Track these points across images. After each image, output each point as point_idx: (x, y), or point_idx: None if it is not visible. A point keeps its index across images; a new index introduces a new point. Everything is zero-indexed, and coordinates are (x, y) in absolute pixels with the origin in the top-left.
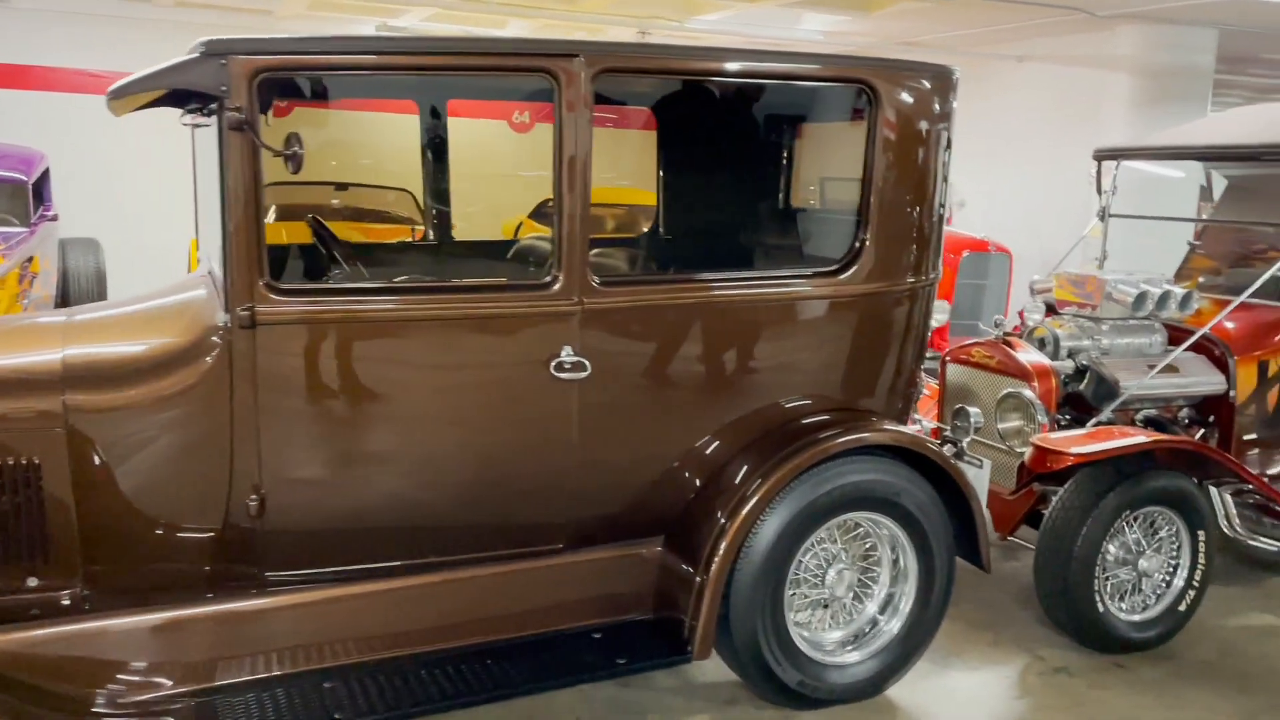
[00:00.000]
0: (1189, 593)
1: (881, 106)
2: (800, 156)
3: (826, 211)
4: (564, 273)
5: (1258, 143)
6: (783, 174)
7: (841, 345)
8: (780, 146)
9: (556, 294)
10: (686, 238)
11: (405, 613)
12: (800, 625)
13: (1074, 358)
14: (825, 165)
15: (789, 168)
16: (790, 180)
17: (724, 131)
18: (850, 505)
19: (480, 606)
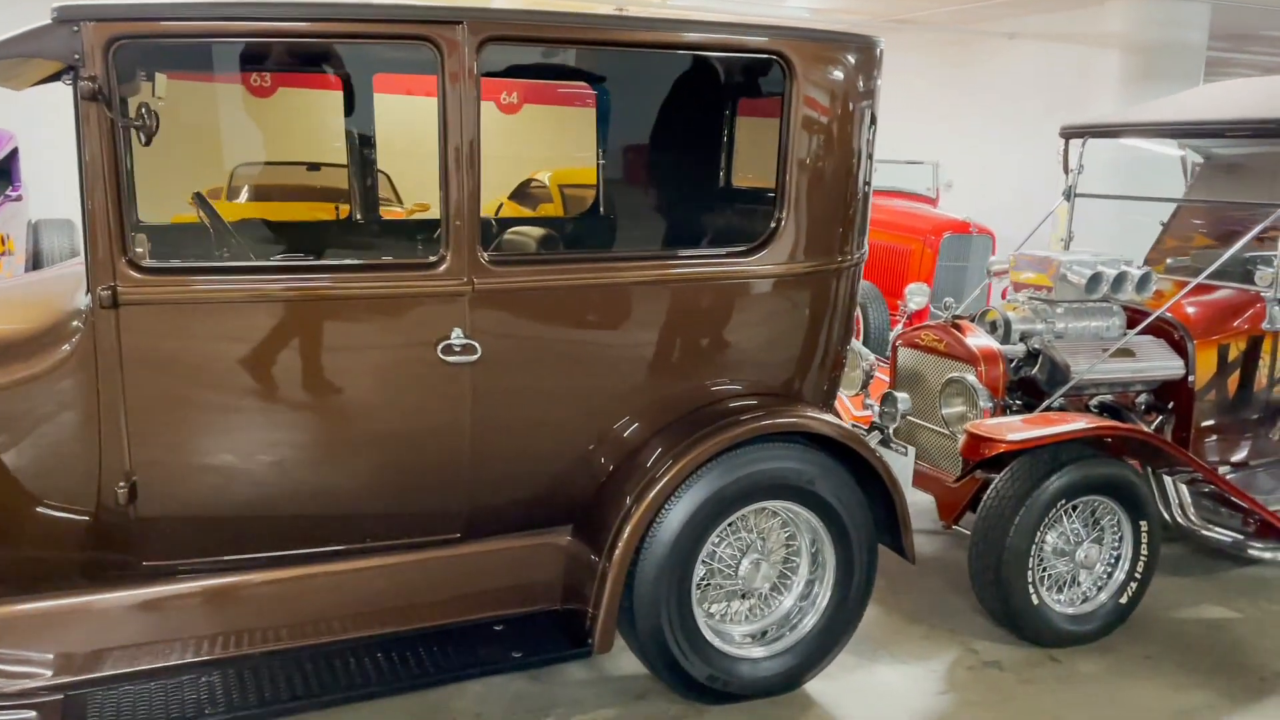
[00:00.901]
0: (1131, 585)
1: (796, 80)
2: (737, 134)
3: (757, 190)
4: (452, 252)
5: (1224, 118)
6: (718, 152)
7: (759, 327)
8: (712, 123)
9: (444, 274)
10: (622, 217)
11: (291, 604)
12: (712, 617)
13: (1026, 341)
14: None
15: (724, 145)
16: (724, 159)
17: (656, 108)
18: (761, 494)
19: (373, 598)
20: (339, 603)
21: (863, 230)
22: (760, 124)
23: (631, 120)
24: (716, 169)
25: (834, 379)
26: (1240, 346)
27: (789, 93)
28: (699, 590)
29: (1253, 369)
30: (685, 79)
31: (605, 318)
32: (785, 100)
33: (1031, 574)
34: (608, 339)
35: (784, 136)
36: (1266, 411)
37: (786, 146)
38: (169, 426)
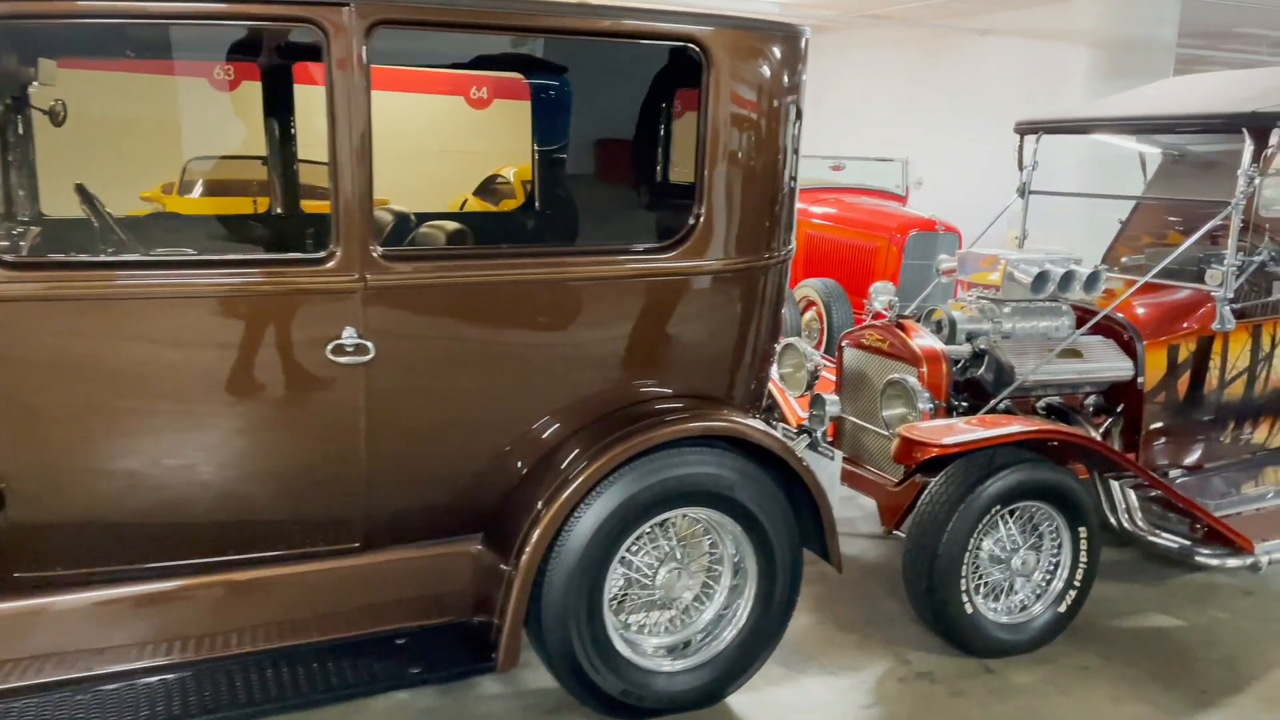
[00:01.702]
0: (1069, 593)
1: (714, 69)
2: (657, 127)
3: (677, 186)
4: (342, 246)
5: (1173, 114)
6: (641, 145)
7: (678, 327)
8: (633, 116)
9: (334, 269)
10: (554, 212)
11: (177, 618)
12: (629, 628)
13: (972, 341)
14: (681, 137)
15: (645, 139)
16: (646, 152)
17: (580, 99)
18: (678, 500)
19: (267, 611)
20: (229, 616)
21: (789, 227)
22: (681, 117)
23: (559, 113)
24: (639, 163)
25: (761, 380)
26: (1190, 347)
27: (706, 83)
28: (616, 600)
29: (1203, 370)
30: (605, 69)
31: (509, 316)
32: (702, 91)
33: (965, 582)
34: (513, 338)
35: (701, 130)
36: (1218, 414)
37: (704, 140)
38: (41, 430)
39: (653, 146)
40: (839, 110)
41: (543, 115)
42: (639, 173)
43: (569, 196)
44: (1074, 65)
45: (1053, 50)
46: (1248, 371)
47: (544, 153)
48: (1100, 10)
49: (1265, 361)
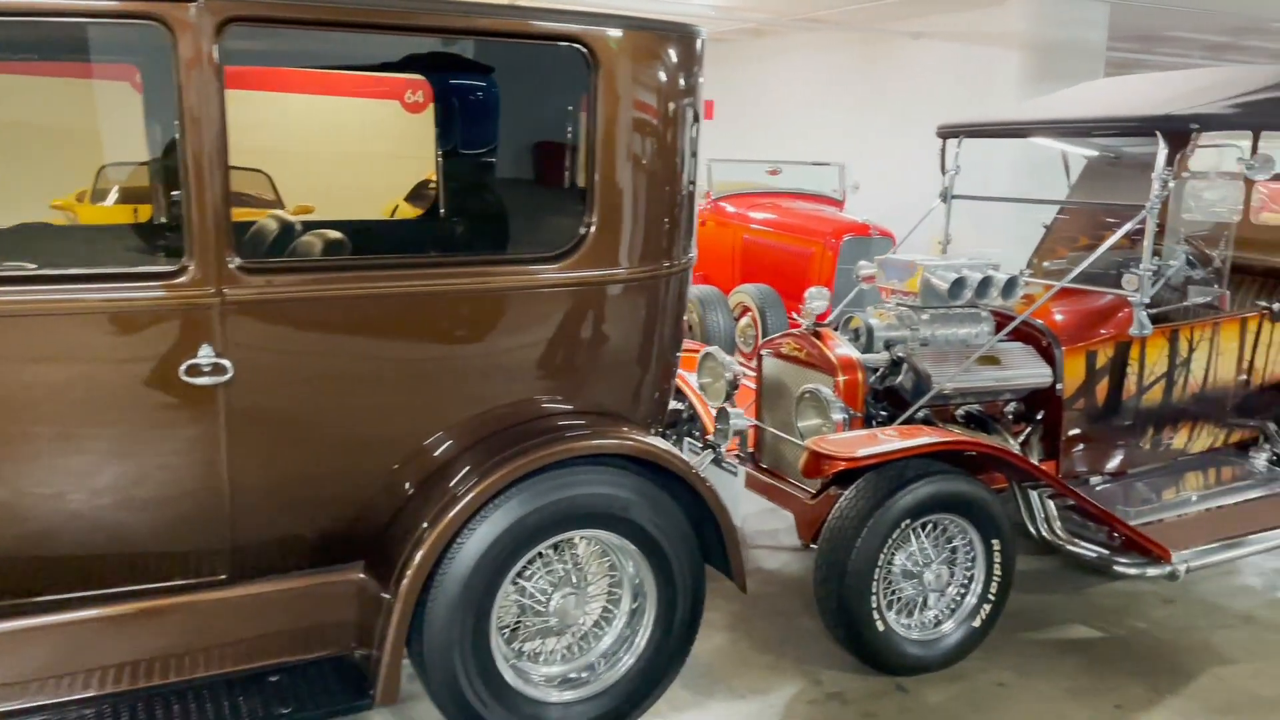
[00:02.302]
0: (984, 608)
1: (602, 71)
2: (547, 131)
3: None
4: (196, 259)
5: (1087, 117)
6: (544, 151)
7: (571, 341)
8: (524, 119)
9: (187, 284)
10: (445, 220)
11: (25, 659)
12: (522, 656)
13: (891, 349)
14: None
15: (535, 143)
16: (538, 158)
17: (484, 103)
18: (570, 522)
19: (123, 649)
20: (81, 656)
21: (689, 234)
22: (573, 120)
23: (457, 116)
24: (532, 170)
25: (664, 393)
26: (1108, 353)
27: (593, 85)
28: (508, 629)
29: (1121, 376)
30: (504, 71)
31: (384, 331)
32: (589, 94)
33: (876, 598)
34: (389, 355)
35: (590, 134)
36: (1137, 420)
37: (593, 145)
38: None
39: (547, 153)
40: (778, 114)
41: (443, 119)
42: (533, 180)
43: (463, 205)
44: (1006, 69)
45: (985, 54)
46: (1166, 377)
47: (445, 158)
48: (1030, 14)
49: (1183, 367)
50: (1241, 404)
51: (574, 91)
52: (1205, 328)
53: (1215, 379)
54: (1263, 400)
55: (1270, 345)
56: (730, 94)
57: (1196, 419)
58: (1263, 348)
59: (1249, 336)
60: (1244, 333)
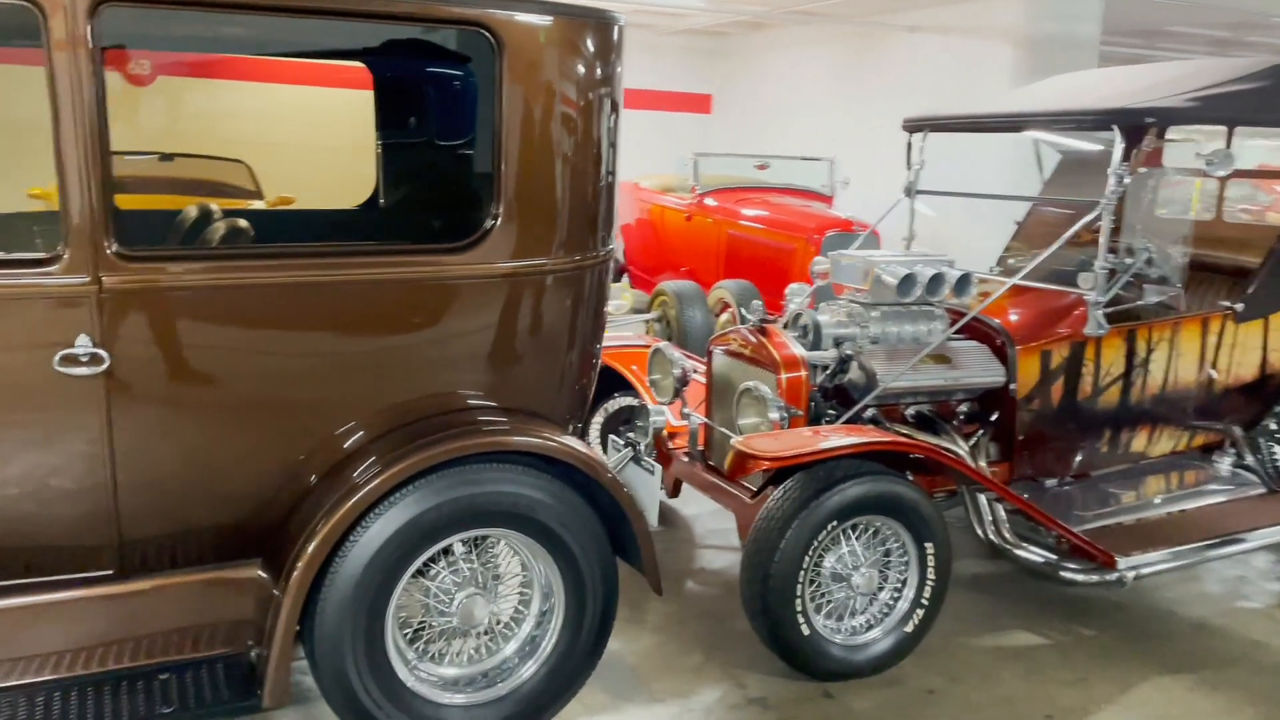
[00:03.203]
0: (916, 612)
1: (506, 57)
2: (456, 118)
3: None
4: (72, 246)
5: (1048, 110)
6: (464, 140)
7: (478, 334)
8: (430, 105)
9: (63, 271)
10: (362, 209)
11: None
12: (423, 658)
13: (840, 346)
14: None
15: (438, 130)
16: (444, 145)
17: (410, 89)
18: (472, 520)
19: (6, 644)
20: None
21: (608, 225)
22: (480, 108)
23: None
24: (440, 158)
25: (582, 389)
26: (1063, 353)
27: (499, 71)
28: (411, 629)
29: (1077, 377)
30: (407, 55)
31: (278, 322)
32: (496, 79)
33: (801, 601)
34: (284, 347)
35: (496, 122)
36: (1094, 422)
37: (499, 133)
38: None
39: (456, 142)
40: (775, 109)
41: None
42: (442, 170)
43: (373, 195)
44: (998, 62)
45: (978, 47)
46: (1123, 378)
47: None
48: (1022, 7)
49: (1141, 368)
50: (1205, 407)
51: (481, 78)
52: (1164, 328)
53: (1176, 380)
54: (1228, 403)
55: (1234, 346)
56: (728, 88)
57: (1157, 422)
58: (1226, 349)
59: (1211, 337)
60: (1205, 333)
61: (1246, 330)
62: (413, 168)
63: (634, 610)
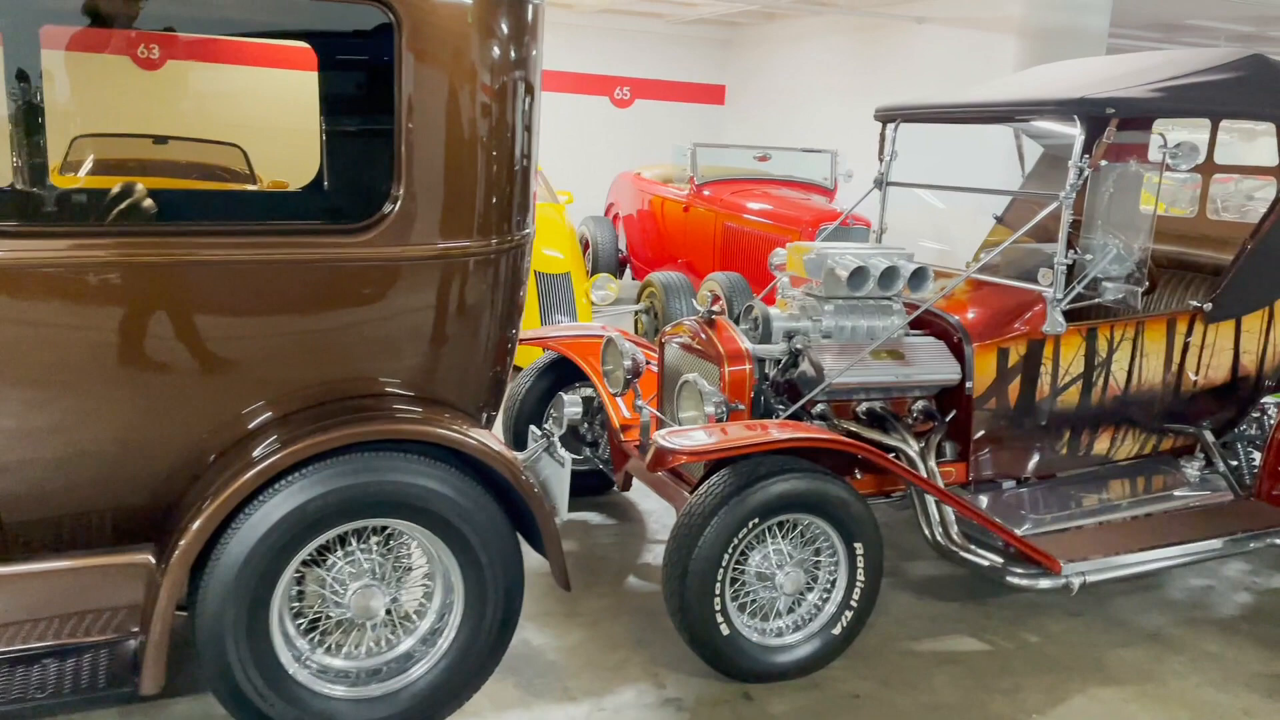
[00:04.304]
0: (845, 614)
1: (405, 34)
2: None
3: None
4: None
5: (1011, 100)
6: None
7: (379, 320)
8: (360, 85)
9: None
10: (264, 189)
11: None
12: (316, 650)
13: (791, 340)
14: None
15: (339, 110)
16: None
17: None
18: (362, 511)
19: None
20: None
21: (523, 209)
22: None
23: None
24: (342, 138)
25: (496, 377)
26: (1020, 351)
27: (398, 50)
28: (307, 619)
29: (1034, 376)
30: (310, 33)
31: (156, 303)
32: (395, 58)
33: (721, 600)
34: (164, 329)
35: (396, 103)
36: (1052, 423)
37: (400, 113)
38: None
39: (358, 121)
40: (788, 99)
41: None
42: (342, 150)
43: (277, 174)
44: (1005, 54)
45: (985, 39)
46: (1083, 378)
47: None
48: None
49: (1102, 368)
50: (1174, 409)
51: (382, 57)
52: (1127, 327)
53: (1141, 381)
54: (1199, 406)
55: (1203, 347)
56: (741, 79)
57: (1121, 424)
58: (1194, 349)
59: (1178, 337)
60: (1172, 333)
61: (1218, 331)
62: (321, 149)
63: (568, 604)
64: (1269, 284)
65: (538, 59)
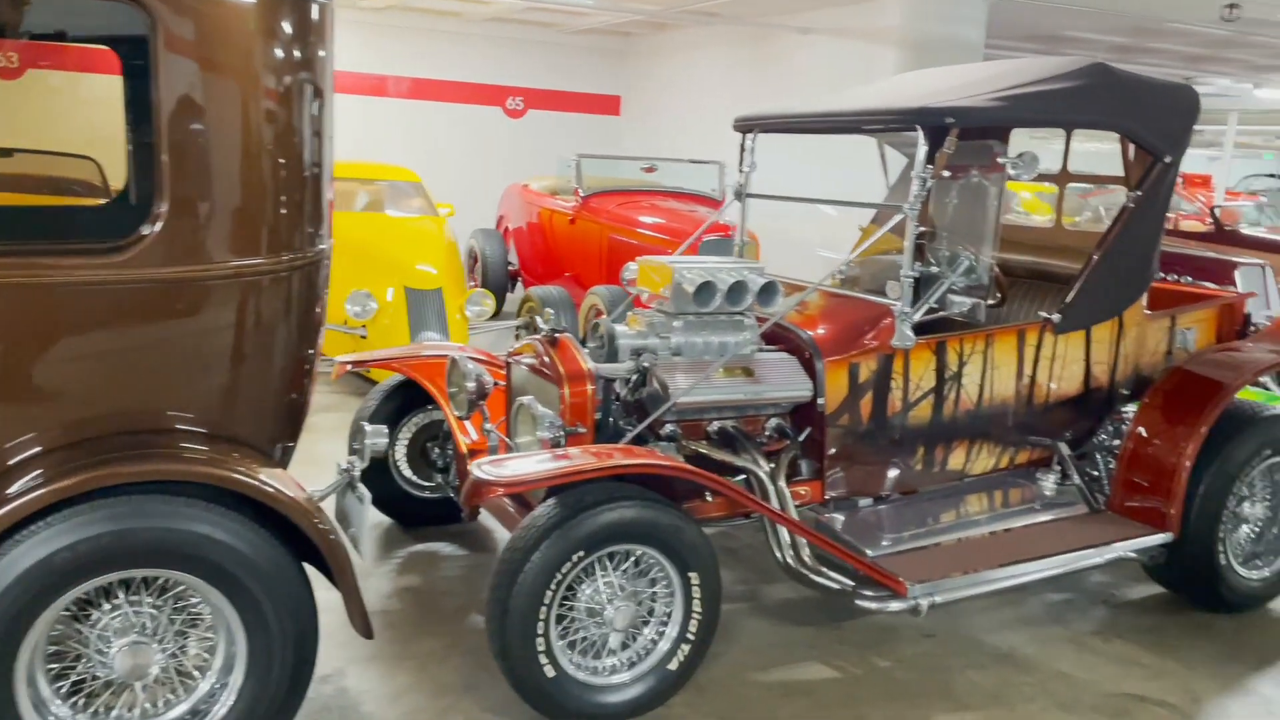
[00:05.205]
0: (682, 648)
1: (162, 35)
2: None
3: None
4: None
5: (856, 110)
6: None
7: (144, 345)
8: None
9: None
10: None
11: None
12: (79, 714)
13: (638, 358)
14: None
15: (133, 118)
16: (130, 136)
17: (133, 77)
18: (120, 561)
19: None
20: None
21: (315, 223)
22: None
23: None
24: (103, 148)
25: (291, 407)
26: (871, 366)
27: (154, 54)
28: (67, 682)
29: (885, 391)
30: (70, 34)
31: None
32: (152, 64)
33: (545, 640)
34: None
35: (155, 111)
36: (905, 438)
37: (159, 123)
38: None
39: (126, 131)
40: (680, 110)
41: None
42: (103, 162)
43: (28, 188)
44: (886, 64)
45: (867, 49)
46: (934, 392)
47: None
48: (906, 9)
49: (953, 382)
50: (1027, 422)
51: (140, 61)
52: (977, 339)
53: (992, 395)
54: (1053, 418)
55: (1054, 359)
56: (636, 90)
57: (975, 438)
58: (1045, 361)
59: (1029, 349)
60: (1023, 345)
61: (1068, 342)
62: (91, 160)
63: (399, 645)
64: (1116, 295)
65: (327, 60)
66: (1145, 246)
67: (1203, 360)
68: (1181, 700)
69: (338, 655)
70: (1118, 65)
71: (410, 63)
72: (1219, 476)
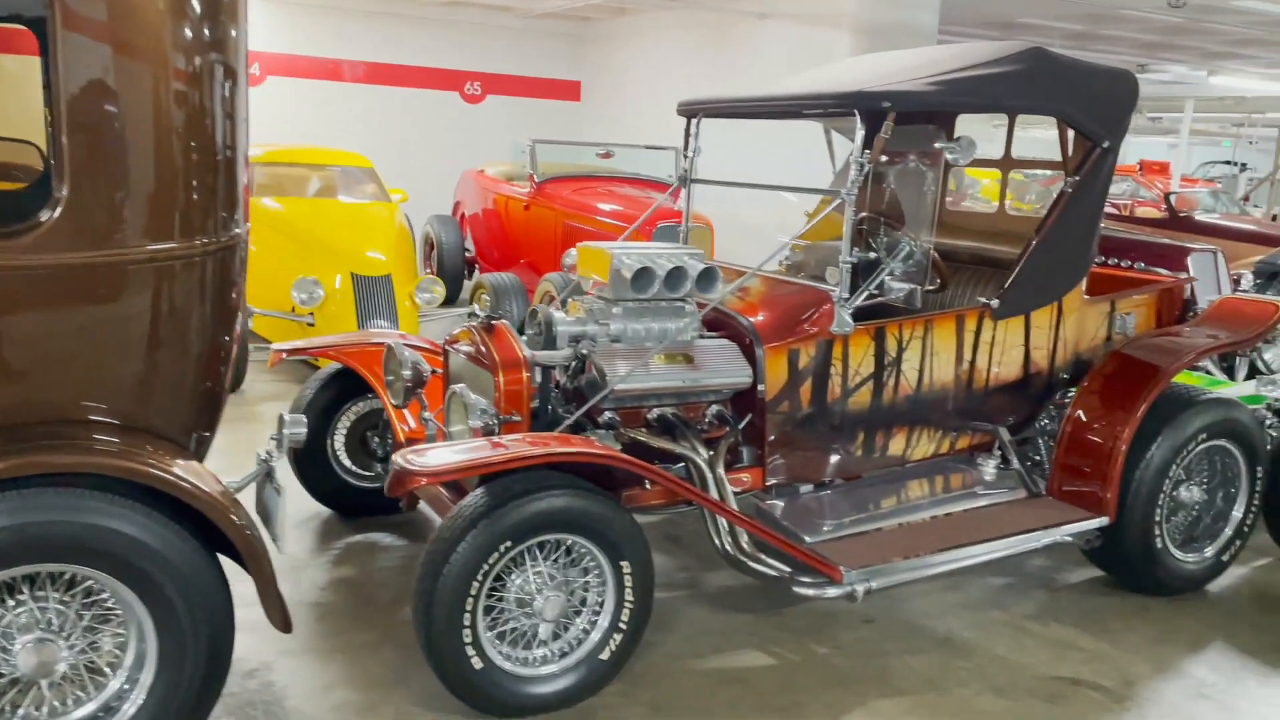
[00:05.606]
0: (614, 638)
1: (60, 13)
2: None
3: None
4: None
5: (795, 94)
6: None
7: (47, 334)
8: None
9: None
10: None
11: None
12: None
13: (577, 345)
14: None
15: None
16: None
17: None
18: (14, 557)
19: None
20: None
21: (229, 207)
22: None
23: None
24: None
25: (208, 394)
26: (810, 352)
27: (52, 33)
28: None
29: (825, 377)
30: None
31: None
32: (50, 43)
33: (472, 632)
34: None
35: (54, 91)
36: (845, 424)
37: (58, 104)
38: None
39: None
40: (640, 95)
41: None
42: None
43: None
44: (842, 49)
45: (823, 35)
46: (874, 378)
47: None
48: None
49: (893, 367)
50: (967, 407)
51: (40, 36)
52: (916, 325)
53: (932, 380)
54: (993, 403)
55: (993, 344)
56: (596, 75)
57: (915, 423)
58: (985, 347)
59: (968, 335)
60: (962, 331)
61: (1007, 328)
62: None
63: (332, 638)
64: (1055, 280)
65: (239, 40)
66: (1084, 232)
67: (1141, 345)
68: (1116, 683)
69: (265, 649)
70: (1070, 52)
71: (366, 47)
72: (1156, 460)
